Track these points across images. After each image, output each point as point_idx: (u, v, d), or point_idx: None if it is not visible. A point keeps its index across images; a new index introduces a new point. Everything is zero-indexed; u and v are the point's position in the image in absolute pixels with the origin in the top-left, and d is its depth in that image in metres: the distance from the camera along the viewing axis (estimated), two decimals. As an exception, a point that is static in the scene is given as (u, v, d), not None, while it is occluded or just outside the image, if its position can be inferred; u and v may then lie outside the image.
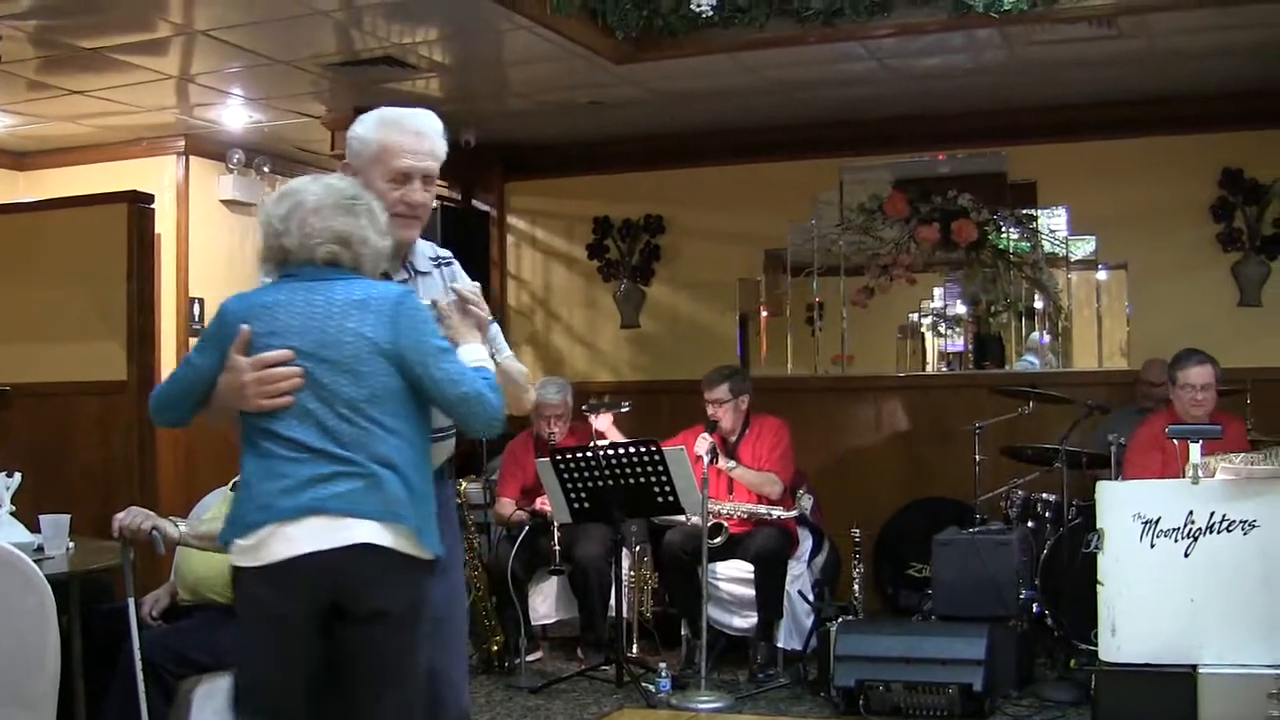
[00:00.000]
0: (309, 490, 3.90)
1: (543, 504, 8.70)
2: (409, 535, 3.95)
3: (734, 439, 8.80)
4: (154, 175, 10.49)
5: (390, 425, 4.00)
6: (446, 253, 4.68)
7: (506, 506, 9.00)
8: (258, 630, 4.00)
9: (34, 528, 6.06)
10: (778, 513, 8.50)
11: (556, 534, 8.60)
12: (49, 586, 4.78)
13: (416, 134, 4.40)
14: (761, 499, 8.64)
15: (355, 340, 3.98)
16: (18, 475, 6.16)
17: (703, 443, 8.39)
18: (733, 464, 8.68)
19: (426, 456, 4.14)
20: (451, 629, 4.49)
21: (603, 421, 8.93)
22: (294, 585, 3.90)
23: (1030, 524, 8.66)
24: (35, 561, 4.91)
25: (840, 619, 7.81)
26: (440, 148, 4.46)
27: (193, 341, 7.27)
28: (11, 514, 6.05)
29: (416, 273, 4.52)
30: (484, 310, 4.36)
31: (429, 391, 4.04)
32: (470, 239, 10.61)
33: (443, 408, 4.11)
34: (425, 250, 4.59)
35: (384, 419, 3.99)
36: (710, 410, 8.69)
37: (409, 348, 4.01)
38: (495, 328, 4.52)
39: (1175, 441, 7.18)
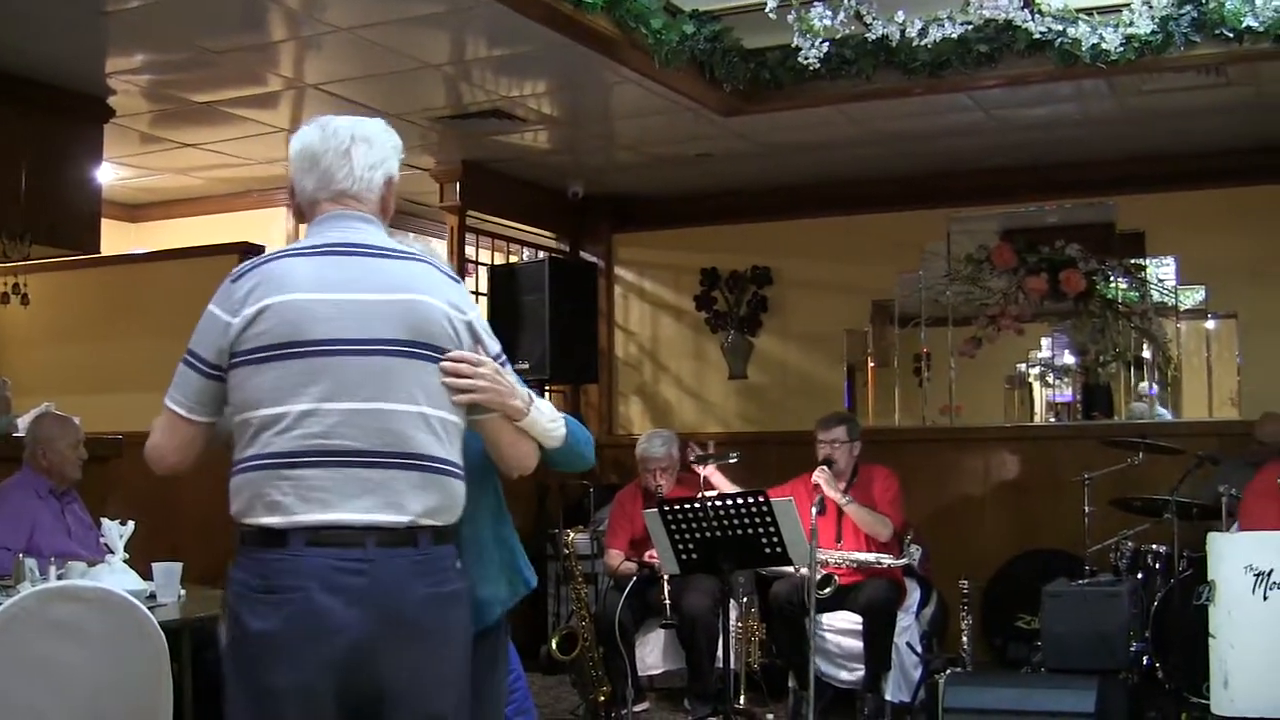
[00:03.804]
0: None
1: (652, 556, 8.60)
2: None
3: (843, 486, 8.74)
4: (264, 226, 10.61)
5: None
6: None
7: (615, 558, 9.00)
8: None
9: (146, 575, 6.16)
10: (887, 560, 8.39)
11: (666, 588, 8.57)
12: (163, 634, 4.84)
13: None
14: (870, 543, 8.55)
15: None
16: (131, 523, 6.26)
17: (821, 474, 8.36)
18: (848, 498, 8.53)
19: None
20: None
21: (713, 474, 8.87)
22: None
23: (1140, 576, 8.58)
24: (148, 609, 4.98)
25: (948, 671, 7.75)
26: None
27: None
28: (125, 561, 6.15)
29: None
30: None
31: None
32: (578, 290, 10.65)
33: None
34: None
35: None
36: (825, 450, 8.62)
37: None
38: None
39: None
